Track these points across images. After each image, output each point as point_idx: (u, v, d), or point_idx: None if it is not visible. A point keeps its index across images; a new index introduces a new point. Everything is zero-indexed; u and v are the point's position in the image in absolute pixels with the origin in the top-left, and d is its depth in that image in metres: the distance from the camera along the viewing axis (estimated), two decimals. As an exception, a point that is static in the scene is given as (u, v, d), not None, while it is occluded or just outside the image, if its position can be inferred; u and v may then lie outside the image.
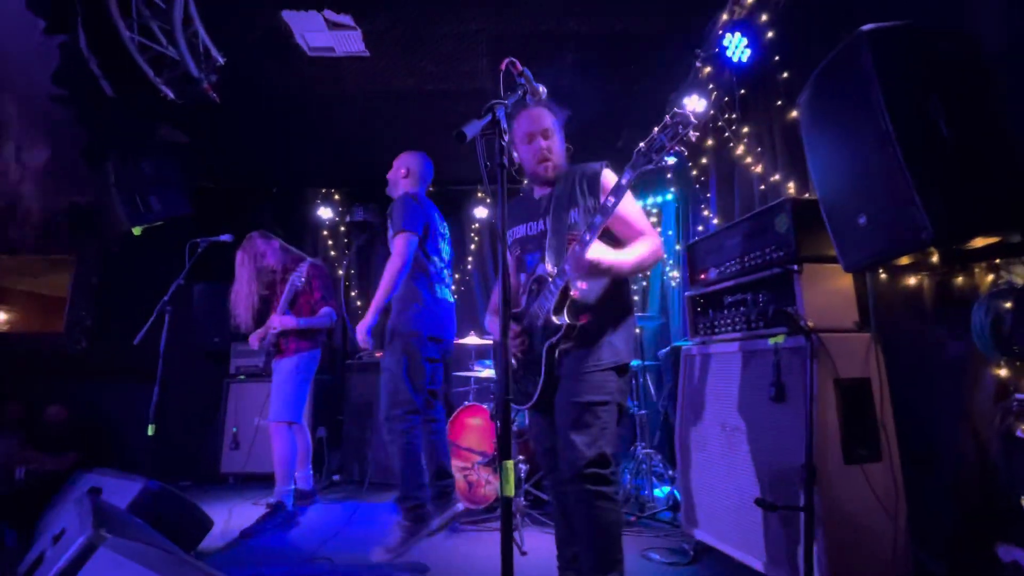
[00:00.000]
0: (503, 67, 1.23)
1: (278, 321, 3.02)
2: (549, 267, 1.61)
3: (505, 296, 1.11)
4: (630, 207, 1.64)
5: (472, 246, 5.08)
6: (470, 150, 1.15)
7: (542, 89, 1.33)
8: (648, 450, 3.05)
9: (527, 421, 2.66)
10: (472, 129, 0.99)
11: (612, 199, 1.41)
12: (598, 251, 1.45)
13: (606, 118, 3.63)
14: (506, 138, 1.07)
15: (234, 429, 4.13)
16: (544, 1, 2.70)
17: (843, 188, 1.57)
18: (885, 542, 1.67)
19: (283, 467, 2.97)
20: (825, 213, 1.67)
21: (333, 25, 2.80)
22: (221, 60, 2.83)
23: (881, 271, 1.84)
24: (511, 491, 0.81)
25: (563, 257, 1.53)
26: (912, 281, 1.75)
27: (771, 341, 1.88)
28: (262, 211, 4.89)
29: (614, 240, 1.65)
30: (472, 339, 3.48)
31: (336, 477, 4.15)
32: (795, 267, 1.86)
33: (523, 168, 1.79)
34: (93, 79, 2.68)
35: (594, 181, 1.67)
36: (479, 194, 5.02)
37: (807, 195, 2.18)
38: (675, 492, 2.83)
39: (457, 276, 5.05)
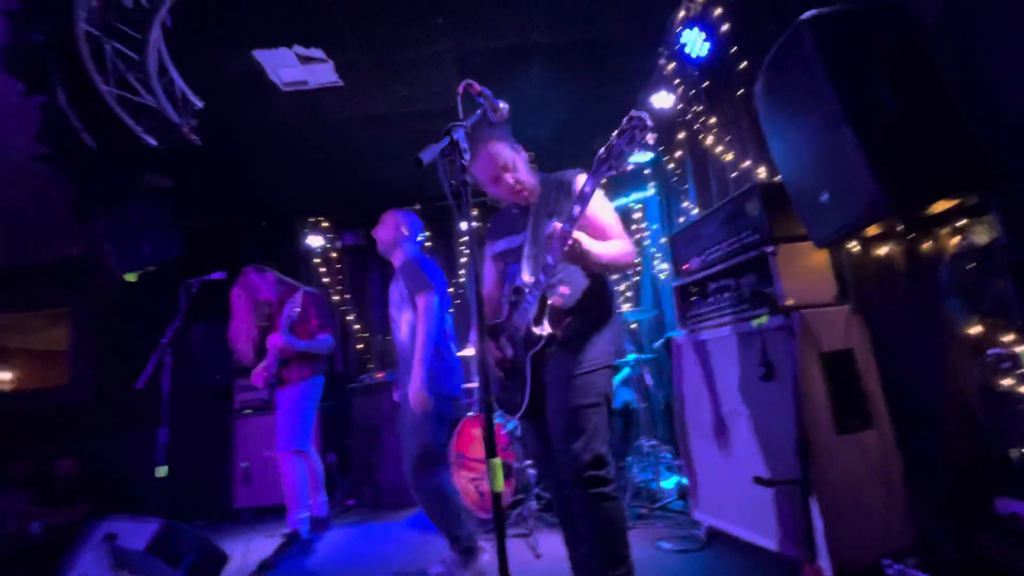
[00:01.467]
0: (460, 90, 1.27)
1: (279, 339, 3.02)
2: (526, 276, 1.63)
3: (478, 302, 1.17)
4: (604, 215, 1.67)
5: (462, 259, 5.14)
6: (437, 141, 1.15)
7: (503, 106, 1.37)
8: (654, 442, 3.09)
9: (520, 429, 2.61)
10: (428, 154, 1.04)
11: (577, 207, 1.43)
12: (582, 234, 1.47)
13: (579, 123, 3.71)
14: (467, 157, 1.12)
15: (244, 464, 4.15)
16: (507, 18, 2.78)
17: (804, 169, 1.63)
18: (884, 509, 1.71)
19: (295, 496, 3.00)
20: (790, 194, 1.73)
21: (305, 59, 2.88)
22: (199, 104, 2.89)
23: (853, 244, 1.90)
24: (500, 486, 0.85)
25: (538, 265, 1.56)
26: (883, 251, 1.80)
27: (754, 323, 1.94)
28: (253, 245, 4.95)
29: None
30: (470, 351, 3.52)
31: (350, 502, 4.16)
32: (770, 248, 1.92)
33: (512, 200, 1.81)
34: (75, 134, 2.75)
35: (570, 189, 1.69)
36: (459, 209, 5.09)
37: (776, 178, 2.25)
38: (683, 480, 2.86)
39: (452, 290, 5.10)
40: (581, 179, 1.69)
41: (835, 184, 1.49)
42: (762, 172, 2.35)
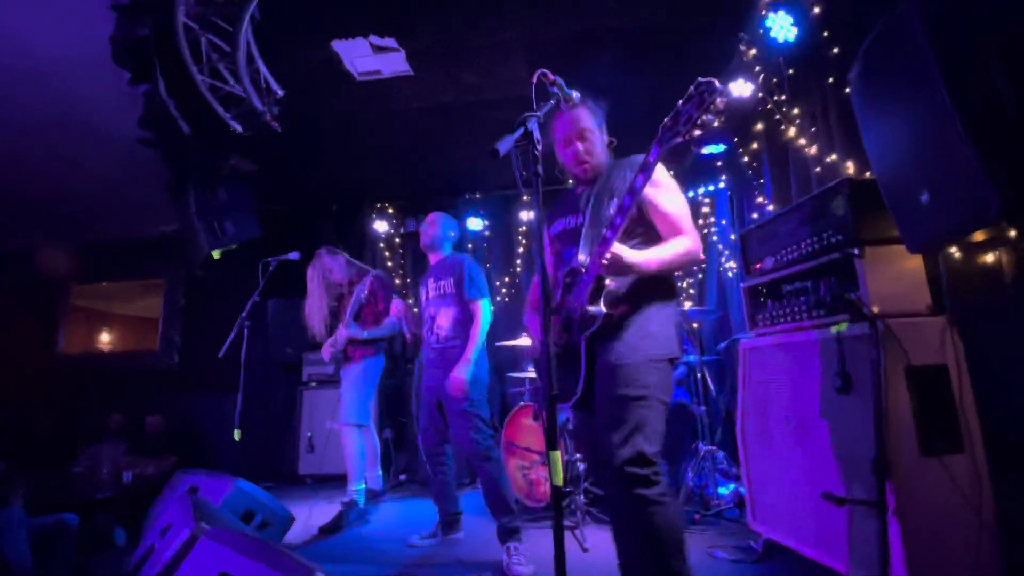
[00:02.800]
0: (534, 79, 1.25)
1: (344, 334, 3.22)
2: (581, 257, 1.56)
3: (545, 291, 1.12)
4: (670, 201, 1.55)
5: (520, 249, 5.15)
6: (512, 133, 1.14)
7: (576, 95, 1.35)
8: (711, 447, 2.98)
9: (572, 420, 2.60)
10: (505, 145, 1.04)
11: (640, 178, 1.34)
12: (622, 247, 1.40)
13: (649, 111, 3.57)
14: (540, 148, 1.11)
15: (309, 434, 4.42)
16: (578, 3, 2.72)
17: (902, 165, 1.49)
18: (970, 539, 1.56)
19: (354, 467, 3.16)
20: (884, 192, 1.59)
21: (378, 49, 2.96)
22: (280, 92, 3.05)
23: (953, 250, 1.72)
24: (559, 480, 0.85)
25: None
26: (989, 258, 1.62)
27: (833, 330, 1.81)
28: (324, 228, 5.21)
29: (655, 236, 1.57)
30: (525, 340, 3.53)
31: (403, 477, 4.33)
32: (856, 251, 1.78)
33: (575, 174, 1.74)
34: (172, 120, 2.99)
35: (643, 165, 1.52)
36: (525, 198, 5.09)
37: (867, 175, 2.08)
38: (740, 489, 2.75)
39: (507, 279, 5.14)
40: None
41: (938, 183, 1.35)
42: (850, 168, 2.18)
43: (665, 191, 1.54)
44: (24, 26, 2.68)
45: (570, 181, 1.83)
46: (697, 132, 1.26)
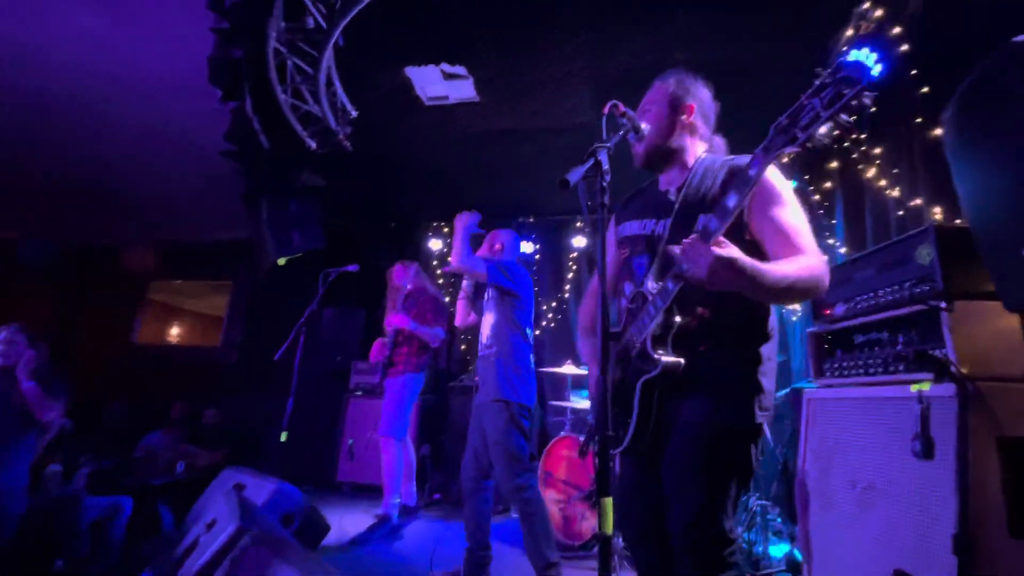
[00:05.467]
0: (606, 110, 1.19)
1: (395, 317, 3.36)
2: (650, 283, 1.27)
3: (604, 312, 0.99)
4: (790, 214, 1.18)
5: (570, 275, 5.11)
6: (581, 163, 1.05)
7: (645, 126, 1.31)
8: (764, 502, 2.78)
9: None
10: (575, 176, 1.00)
11: (733, 197, 1.04)
12: (730, 246, 1.02)
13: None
14: (607, 179, 1.05)
15: (350, 442, 4.50)
16: (648, 36, 2.73)
17: (1001, 216, 1.36)
18: (1074, 643, 1.35)
19: (391, 480, 3.17)
20: (979, 243, 1.46)
21: (449, 76, 3.07)
22: (354, 113, 3.23)
23: (1059, 311, 1.55)
24: (610, 528, 0.80)
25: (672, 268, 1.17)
26: (1103, 323, 1.45)
27: (914, 388, 1.66)
28: (382, 244, 5.40)
29: (761, 258, 1.14)
30: (569, 368, 3.48)
31: (437, 496, 4.31)
32: (943, 304, 1.64)
33: (635, 153, 1.41)
34: (254, 135, 3.21)
35: (741, 179, 1.14)
36: (578, 223, 5.07)
37: (957, 222, 1.92)
38: (795, 552, 2.54)
39: (554, 304, 5.10)
40: (769, 170, 1.16)
41: (1045, 237, 1.22)
42: (937, 213, 2.03)
43: (777, 198, 1.20)
44: (132, 42, 2.98)
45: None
46: (822, 137, 0.95)
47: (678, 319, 1.21)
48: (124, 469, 3.57)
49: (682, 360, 1.19)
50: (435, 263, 5.44)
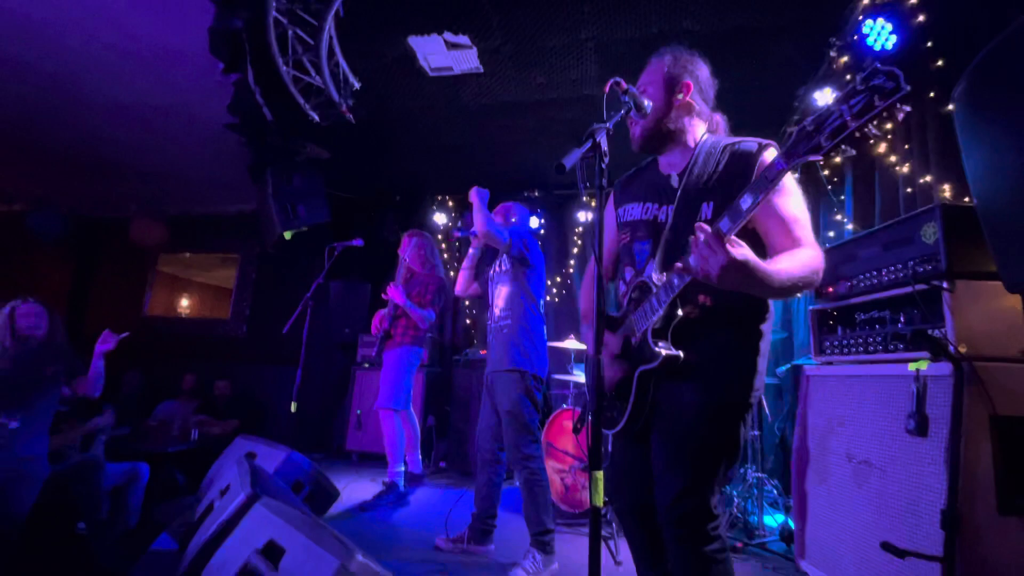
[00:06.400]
0: (607, 88, 1.15)
1: (391, 289, 3.33)
2: (654, 273, 1.27)
3: (600, 295, 1.00)
4: (791, 203, 1.18)
5: (575, 249, 5.11)
6: (579, 145, 1.03)
7: (648, 103, 1.28)
8: (760, 474, 2.84)
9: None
10: (571, 159, 0.97)
11: (748, 199, 1.01)
12: (744, 247, 1.00)
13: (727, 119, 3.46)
14: (607, 160, 1.03)
15: (358, 412, 4.61)
16: (656, 4, 2.64)
17: (1007, 194, 1.34)
18: (1053, 613, 1.40)
19: (392, 450, 3.26)
20: (984, 222, 1.44)
21: (452, 46, 3.01)
22: (357, 85, 3.18)
23: (1062, 291, 1.54)
24: (600, 500, 0.83)
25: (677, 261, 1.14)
26: (1106, 305, 1.44)
27: (911, 367, 1.67)
28: (387, 217, 5.39)
29: (756, 246, 1.15)
30: (572, 342, 3.51)
31: (442, 464, 4.44)
32: (944, 284, 1.64)
33: (632, 136, 1.38)
34: (257, 107, 3.19)
35: (746, 168, 1.21)
36: (584, 198, 5.03)
37: (965, 200, 1.90)
38: (789, 521, 2.61)
39: (559, 279, 5.11)
40: (769, 154, 1.21)
41: (1051, 218, 1.21)
42: (946, 191, 2.00)
43: (783, 187, 1.18)
44: (133, 13, 2.93)
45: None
46: (849, 154, 0.92)
47: (680, 312, 1.22)
48: (140, 437, 3.69)
49: (681, 353, 1.21)
50: (440, 236, 5.45)
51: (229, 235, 6.03)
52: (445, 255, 5.44)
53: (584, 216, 5.01)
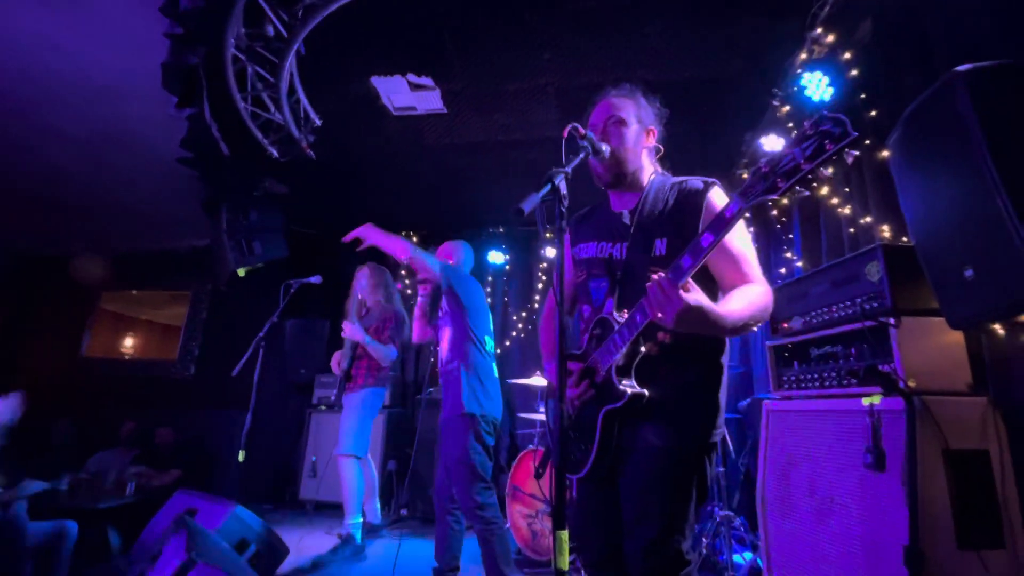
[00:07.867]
0: (565, 133, 1.16)
1: (347, 326, 3.19)
2: (614, 311, 1.28)
3: (561, 347, 0.97)
4: (740, 241, 1.23)
5: (539, 285, 5.13)
6: (538, 190, 1.05)
7: (605, 148, 1.31)
8: (727, 512, 2.82)
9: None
10: (530, 204, 0.98)
11: (709, 236, 1.03)
12: (699, 293, 1.04)
13: (677, 162, 3.61)
14: (566, 203, 1.04)
15: (313, 458, 4.36)
16: (612, 55, 2.77)
17: (944, 237, 1.43)
18: (1016, 650, 1.41)
19: (350, 499, 3.07)
20: (924, 263, 1.52)
21: (415, 87, 3.04)
22: (318, 122, 3.16)
23: (997, 326, 1.63)
24: (565, 563, 0.78)
25: (637, 301, 1.17)
26: (1038, 339, 1.53)
27: (865, 401, 1.71)
28: (348, 254, 5.27)
29: (707, 281, 1.23)
30: (538, 379, 3.47)
31: (404, 512, 4.22)
32: (891, 320, 1.70)
33: (597, 173, 1.40)
34: (213, 142, 3.10)
35: (694, 206, 1.27)
36: (548, 235, 5.09)
37: (904, 240, 2.01)
38: (758, 560, 2.58)
39: (524, 315, 5.10)
40: (718, 196, 1.27)
41: (983, 260, 1.28)
42: (886, 231, 2.11)
43: (735, 228, 1.16)
44: (83, 44, 2.83)
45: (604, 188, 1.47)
46: (802, 194, 1.05)
47: (643, 349, 1.23)
48: (69, 492, 3.35)
49: (646, 392, 1.21)
50: (403, 272, 5.37)
51: (179, 271, 5.76)
52: (409, 291, 5.35)
53: (549, 252, 5.06)
